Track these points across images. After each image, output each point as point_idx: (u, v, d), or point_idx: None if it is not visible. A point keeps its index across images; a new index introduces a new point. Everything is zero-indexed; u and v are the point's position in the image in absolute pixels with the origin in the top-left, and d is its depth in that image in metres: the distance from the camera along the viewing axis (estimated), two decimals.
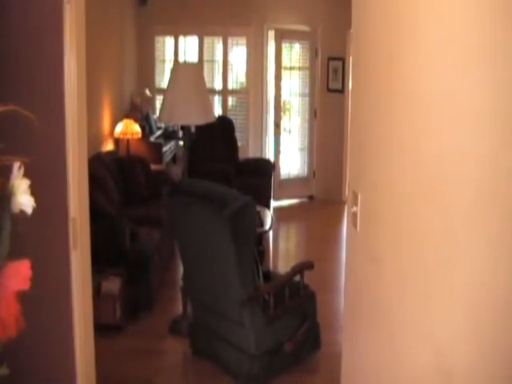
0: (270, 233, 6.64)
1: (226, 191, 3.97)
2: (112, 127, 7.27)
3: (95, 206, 4.98)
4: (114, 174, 6.13)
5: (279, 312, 4.03)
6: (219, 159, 7.86)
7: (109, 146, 7.23)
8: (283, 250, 7.38)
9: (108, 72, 7.43)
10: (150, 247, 5.18)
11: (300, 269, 4.22)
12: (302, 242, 7.75)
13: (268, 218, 5.91)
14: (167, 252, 5.87)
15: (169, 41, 9.44)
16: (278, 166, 8.85)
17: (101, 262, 4.78)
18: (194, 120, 4.47)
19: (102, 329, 4.52)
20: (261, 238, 5.60)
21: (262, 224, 5.61)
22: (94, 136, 6.70)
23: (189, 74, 4.51)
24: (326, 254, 6.74)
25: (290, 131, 9.28)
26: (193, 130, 4.64)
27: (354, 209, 2.40)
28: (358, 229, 2.37)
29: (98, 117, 6.91)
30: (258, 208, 5.98)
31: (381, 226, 2.15)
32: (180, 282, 4.95)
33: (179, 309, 4.95)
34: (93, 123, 6.72)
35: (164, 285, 5.57)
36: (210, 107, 4.62)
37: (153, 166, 7.02)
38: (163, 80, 9.09)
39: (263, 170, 8.00)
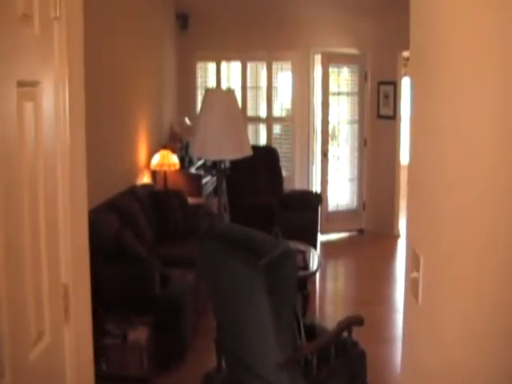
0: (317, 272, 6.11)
1: (261, 239, 3.48)
2: (149, 158, 6.89)
3: (122, 245, 4.61)
4: (148, 210, 5.73)
5: (323, 375, 3.50)
6: (262, 191, 7.36)
7: (145, 179, 6.85)
8: (331, 291, 6.79)
9: (146, 100, 7.09)
10: (183, 291, 4.74)
11: (347, 325, 3.68)
12: (352, 282, 7.14)
13: (314, 258, 5.39)
14: (203, 295, 5.39)
15: (211, 66, 9.07)
16: (326, 197, 8.30)
17: (127, 307, 4.40)
18: (228, 155, 3.98)
19: (128, 381, 4.23)
20: (305, 281, 5.08)
21: (306, 266, 5.11)
22: (128, 168, 6.34)
23: (221, 103, 4.02)
24: (378, 295, 6.16)
25: (338, 159, 8.74)
26: (227, 164, 4.18)
27: (415, 274, 1.89)
28: (419, 301, 1.86)
29: (133, 148, 6.55)
30: (303, 247, 5.49)
31: (449, 299, 1.66)
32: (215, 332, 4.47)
33: (214, 360, 4.45)
34: (127, 155, 6.37)
35: (199, 332, 5.09)
36: (245, 139, 4.12)
37: (191, 199, 6.60)
38: None
39: (309, 203, 7.40)
